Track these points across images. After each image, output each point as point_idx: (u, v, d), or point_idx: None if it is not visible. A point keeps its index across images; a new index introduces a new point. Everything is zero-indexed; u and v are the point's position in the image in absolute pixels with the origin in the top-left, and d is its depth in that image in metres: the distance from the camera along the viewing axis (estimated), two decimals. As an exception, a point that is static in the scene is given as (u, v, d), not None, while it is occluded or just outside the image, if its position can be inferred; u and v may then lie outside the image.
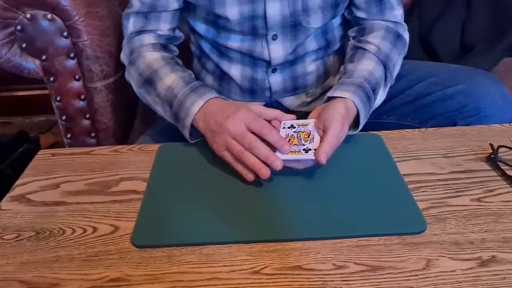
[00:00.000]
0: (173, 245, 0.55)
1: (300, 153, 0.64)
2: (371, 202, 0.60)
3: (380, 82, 0.77)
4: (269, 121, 0.68)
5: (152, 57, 0.78)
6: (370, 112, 0.75)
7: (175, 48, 0.86)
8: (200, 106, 0.69)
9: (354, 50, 0.82)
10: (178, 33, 0.86)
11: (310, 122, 0.69)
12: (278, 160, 0.62)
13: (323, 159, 0.61)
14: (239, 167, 0.64)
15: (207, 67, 0.91)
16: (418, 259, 0.52)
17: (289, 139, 0.66)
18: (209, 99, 0.70)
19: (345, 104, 0.69)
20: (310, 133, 0.67)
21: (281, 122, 0.69)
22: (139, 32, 0.82)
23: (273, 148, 0.64)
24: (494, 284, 0.48)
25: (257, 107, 0.70)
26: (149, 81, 0.77)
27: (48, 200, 0.64)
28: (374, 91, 0.75)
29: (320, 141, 0.64)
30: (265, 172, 0.62)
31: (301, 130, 0.67)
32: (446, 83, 0.84)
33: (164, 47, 0.83)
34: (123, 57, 0.85)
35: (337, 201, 0.61)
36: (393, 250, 0.53)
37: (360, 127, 0.72)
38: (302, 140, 0.65)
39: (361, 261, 0.52)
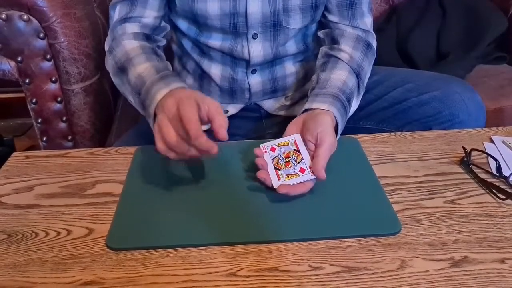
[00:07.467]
0: (148, 248, 0.54)
1: (297, 175, 0.62)
2: (347, 204, 0.61)
3: (354, 91, 0.77)
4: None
5: (131, 46, 0.76)
6: (345, 122, 0.75)
7: (160, 38, 0.83)
8: (164, 95, 0.64)
9: (326, 58, 0.82)
10: (164, 23, 0.84)
11: (290, 139, 0.67)
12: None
13: (323, 175, 0.61)
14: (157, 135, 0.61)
15: (187, 67, 0.91)
16: (393, 260, 0.52)
17: (277, 163, 0.64)
18: (175, 88, 0.65)
19: (329, 115, 0.68)
20: (300, 154, 0.64)
21: (260, 146, 0.66)
22: (124, 19, 0.80)
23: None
24: (466, 283, 0.49)
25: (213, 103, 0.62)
26: (122, 69, 0.75)
27: (21, 203, 0.63)
28: (349, 101, 0.76)
29: (314, 156, 0.63)
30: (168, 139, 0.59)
31: (284, 151, 0.65)
32: (422, 89, 0.85)
33: (147, 37, 0.80)
34: (106, 46, 0.83)
35: (313, 203, 0.61)
36: (368, 251, 0.54)
37: (337, 137, 0.71)
38: (294, 161, 0.64)
39: (337, 262, 0.52)
